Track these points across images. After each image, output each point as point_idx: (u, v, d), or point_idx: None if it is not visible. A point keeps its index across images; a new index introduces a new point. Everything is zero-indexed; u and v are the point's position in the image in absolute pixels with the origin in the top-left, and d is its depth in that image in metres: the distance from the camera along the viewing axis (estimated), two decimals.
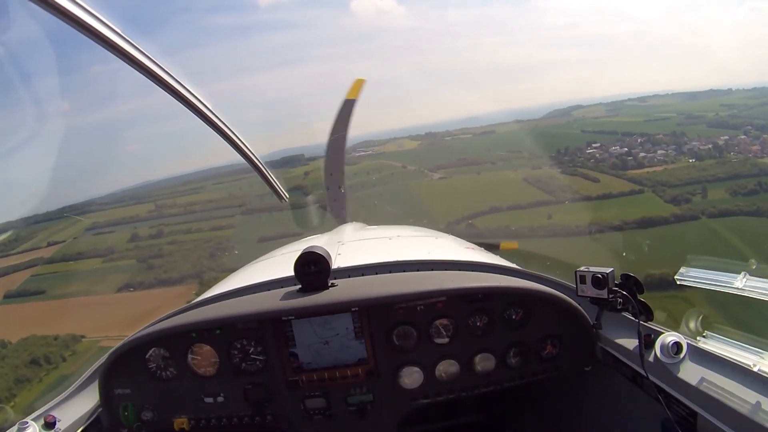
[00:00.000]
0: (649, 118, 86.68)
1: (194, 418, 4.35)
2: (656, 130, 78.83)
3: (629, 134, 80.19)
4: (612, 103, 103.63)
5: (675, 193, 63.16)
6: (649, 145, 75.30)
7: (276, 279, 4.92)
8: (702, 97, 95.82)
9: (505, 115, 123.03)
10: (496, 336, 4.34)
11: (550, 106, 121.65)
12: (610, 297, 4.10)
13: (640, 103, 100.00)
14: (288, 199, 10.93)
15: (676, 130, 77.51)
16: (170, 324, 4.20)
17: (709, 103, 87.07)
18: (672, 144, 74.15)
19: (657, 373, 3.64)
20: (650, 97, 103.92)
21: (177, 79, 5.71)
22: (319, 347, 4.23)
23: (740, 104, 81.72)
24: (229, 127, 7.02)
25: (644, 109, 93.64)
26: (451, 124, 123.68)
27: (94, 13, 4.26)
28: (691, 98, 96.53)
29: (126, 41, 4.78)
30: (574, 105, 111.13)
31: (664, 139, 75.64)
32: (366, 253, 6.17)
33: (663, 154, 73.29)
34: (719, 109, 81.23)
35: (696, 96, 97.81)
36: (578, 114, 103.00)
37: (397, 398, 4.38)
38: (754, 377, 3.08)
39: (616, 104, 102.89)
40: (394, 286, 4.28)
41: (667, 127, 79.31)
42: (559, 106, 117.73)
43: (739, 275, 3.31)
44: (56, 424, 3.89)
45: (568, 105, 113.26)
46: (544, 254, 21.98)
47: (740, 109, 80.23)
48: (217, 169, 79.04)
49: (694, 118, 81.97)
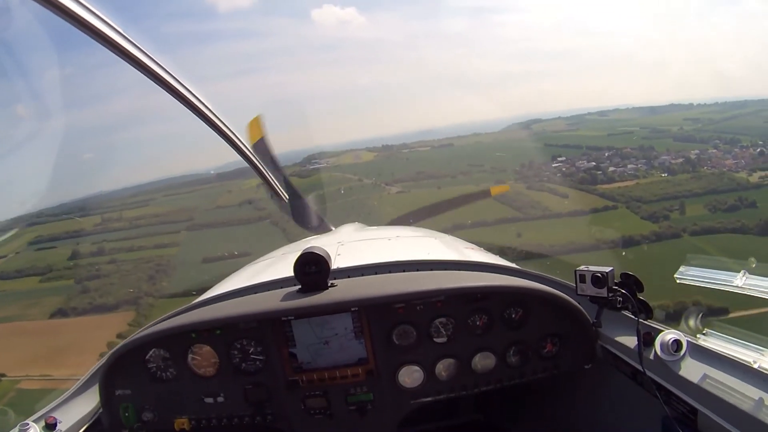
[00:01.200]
0: (612, 131, 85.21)
1: (194, 418, 4.21)
2: (621, 143, 77.05)
3: (595, 148, 77.46)
4: (572, 117, 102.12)
5: (651, 209, 61.32)
6: (617, 159, 72.97)
7: (276, 279, 4.77)
8: (663, 111, 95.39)
9: (461, 129, 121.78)
10: (496, 335, 4.26)
11: (510, 120, 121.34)
12: (609, 295, 4.01)
13: (600, 117, 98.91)
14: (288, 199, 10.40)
15: (643, 143, 75.65)
16: (170, 324, 4.07)
17: (672, 117, 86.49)
18: (641, 158, 72.49)
19: (657, 371, 3.61)
20: (610, 111, 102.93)
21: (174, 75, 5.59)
22: (318, 347, 4.13)
23: (704, 118, 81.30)
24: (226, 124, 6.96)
25: (605, 123, 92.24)
26: (408, 136, 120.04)
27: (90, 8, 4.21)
28: (651, 112, 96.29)
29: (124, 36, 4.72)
30: (534, 118, 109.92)
31: (633, 153, 73.72)
32: (365, 253, 6.00)
33: (633, 168, 70.88)
34: (683, 123, 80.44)
35: (656, 110, 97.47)
36: (538, 128, 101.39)
37: (398, 397, 4.29)
38: (755, 374, 3.04)
39: (576, 118, 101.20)
40: (394, 286, 4.19)
41: (632, 141, 77.74)
42: (518, 119, 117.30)
43: (738, 274, 3.30)
44: (57, 426, 3.78)
45: (528, 118, 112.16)
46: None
47: (705, 123, 79.53)
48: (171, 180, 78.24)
49: (658, 132, 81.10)
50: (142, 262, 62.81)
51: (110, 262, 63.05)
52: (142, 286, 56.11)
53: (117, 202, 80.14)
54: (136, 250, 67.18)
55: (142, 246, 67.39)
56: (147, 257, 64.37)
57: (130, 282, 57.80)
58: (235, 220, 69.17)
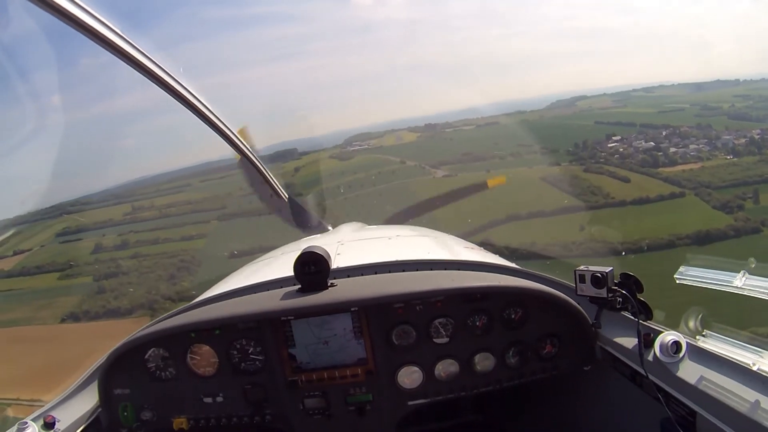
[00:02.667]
0: (662, 109, 78.60)
1: (193, 418, 4.28)
2: (675, 121, 70.92)
3: (649, 126, 71.83)
4: (617, 94, 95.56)
5: (722, 197, 54.68)
6: (677, 139, 66.31)
7: (275, 279, 4.83)
8: (709, 87, 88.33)
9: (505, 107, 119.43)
10: (496, 335, 4.31)
11: (552, 97, 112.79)
12: (609, 296, 4.04)
13: (647, 94, 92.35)
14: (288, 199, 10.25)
15: (701, 122, 69.25)
16: (169, 324, 4.17)
17: (720, 93, 79.97)
18: (702, 137, 65.91)
19: (656, 372, 3.62)
20: (656, 87, 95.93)
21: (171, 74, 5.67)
22: (318, 347, 4.19)
23: (755, 95, 74.29)
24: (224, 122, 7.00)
25: (652, 100, 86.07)
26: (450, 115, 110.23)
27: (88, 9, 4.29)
28: (698, 89, 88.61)
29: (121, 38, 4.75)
30: (578, 96, 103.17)
31: (691, 132, 67.30)
32: (365, 253, 6.00)
33: (696, 149, 64.34)
34: (733, 100, 73.82)
35: (702, 87, 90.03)
36: (583, 105, 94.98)
37: (397, 398, 4.33)
38: (754, 376, 3.06)
39: (621, 95, 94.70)
40: (394, 285, 4.23)
41: (685, 119, 71.21)
42: (561, 97, 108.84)
43: (738, 274, 3.28)
44: (55, 425, 3.82)
45: (571, 96, 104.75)
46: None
47: (756, 99, 72.70)
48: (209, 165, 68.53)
49: (710, 109, 74.54)
50: (166, 257, 58.89)
51: (133, 256, 59.41)
52: (160, 287, 51.92)
53: (152, 189, 76.64)
54: (162, 242, 63.24)
55: (168, 238, 63.75)
56: (171, 251, 60.37)
57: (149, 281, 53.85)
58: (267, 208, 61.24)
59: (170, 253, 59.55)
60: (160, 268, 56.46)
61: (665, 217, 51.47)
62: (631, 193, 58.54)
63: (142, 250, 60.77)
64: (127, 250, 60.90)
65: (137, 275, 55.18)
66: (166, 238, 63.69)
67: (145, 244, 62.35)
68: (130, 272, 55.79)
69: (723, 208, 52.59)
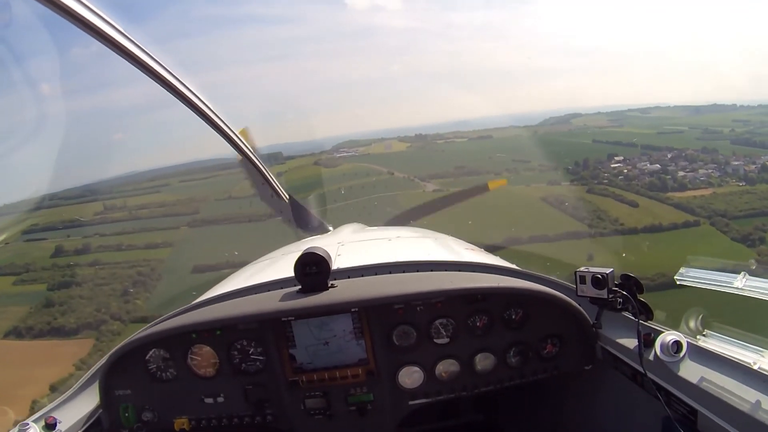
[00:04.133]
0: (661, 130, 75.44)
1: (194, 418, 4.28)
2: (676, 143, 67.32)
3: (651, 148, 67.65)
4: (613, 113, 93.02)
5: (741, 228, 49.77)
6: (683, 162, 62.54)
7: (276, 280, 4.83)
8: (706, 111, 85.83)
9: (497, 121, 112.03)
10: (496, 336, 4.33)
11: (544, 113, 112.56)
12: (609, 297, 4.06)
13: (643, 114, 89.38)
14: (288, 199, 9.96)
15: (705, 146, 65.30)
16: (170, 325, 4.17)
17: (717, 118, 77.46)
18: (710, 162, 61.90)
19: (657, 372, 3.64)
20: (652, 108, 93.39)
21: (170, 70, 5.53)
22: (318, 348, 4.20)
23: (755, 121, 70.61)
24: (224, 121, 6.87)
25: (650, 121, 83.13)
26: (441, 127, 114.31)
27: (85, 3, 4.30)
28: (696, 112, 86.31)
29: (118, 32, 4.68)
30: (572, 113, 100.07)
31: (699, 156, 63.42)
32: (366, 254, 6.02)
33: (705, 174, 60.26)
34: (733, 125, 71.11)
35: (700, 110, 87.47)
36: (578, 122, 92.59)
37: (398, 398, 4.34)
38: (754, 375, 3.07)
39: (617, 114, 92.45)
40: (394, 286, 4.25)
41: (686, 142, 67.82)
42: (553, 113, 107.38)
43: (738, 275, 3.31)
44: (57, 426, 3.80)
45: (565, 112, 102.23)
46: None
47: (756, 126, 68.86)
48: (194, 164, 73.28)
49: (711, 133, 71.52)
50: (125, 267, 55.72)
51: (91, 264, 56.04)
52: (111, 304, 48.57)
53: (130, 187, 73.19)
54: (124, 249, 59.85)
55: (132, 245, 60.32)
56: (133, 260, 57.06)
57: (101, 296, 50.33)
58: (244, 215, 61.43)
59: (131, 263, 56.58)
60: (116, 280, 53.32)
61: (682, 249, 46.36)
62: (641, 219, 54.82)
63: (101, 257, 58.09)
64: (87, 255, 57.94)
65: (91, 287, 52.27)
66: (129, 245, 60.69)
67: (107, 249, 59.68)
68: (84, 282, 52.70)
69: (744, 241, 48.49)
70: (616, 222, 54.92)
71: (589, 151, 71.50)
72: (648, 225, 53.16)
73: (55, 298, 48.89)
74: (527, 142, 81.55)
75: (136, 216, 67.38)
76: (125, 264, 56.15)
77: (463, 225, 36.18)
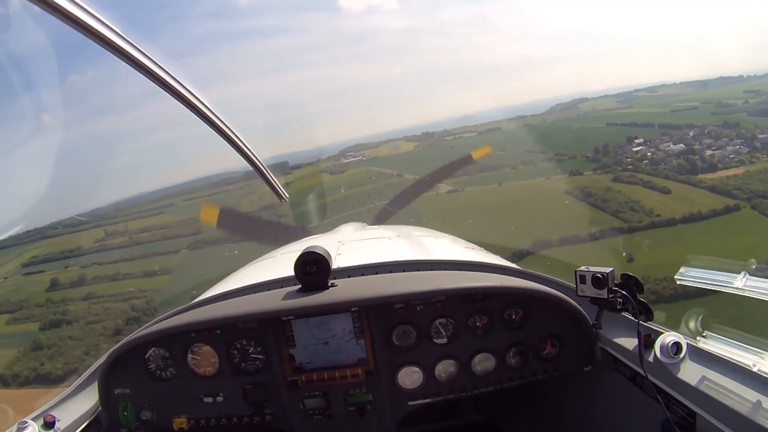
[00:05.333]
0: (673, 108, 71.46)
1: (194, 417, 4.26)
2: (693, 120, 63.16)
3: (670, 126, 63.33)
4: (620, 95, 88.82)
5: None
6: (708, 140, 58.16)
7: (276, 279, 4.82)
8: (713, 85, 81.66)
9: (503, 112, 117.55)
10: (496, 336, 4.32)
11: (550, 101, 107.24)
12: (609, 297, 4.00)
13: (650, 93, 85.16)
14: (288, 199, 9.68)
15: (726, 120, 61.09)
16: (170, 324, 4.15)
17: (727, 90, 73.27)
18: (735, 137, 57.40)
19: (656, 373, 3.59)
20: (658, 87, 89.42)
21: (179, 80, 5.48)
22: (318, 347, 4.20)
23: (766, 91, 66.40)
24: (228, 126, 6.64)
25: (658, 99, 79.58)
26: (448, 123, 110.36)
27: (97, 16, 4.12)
28: (702, 87, 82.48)
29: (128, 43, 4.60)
30: (578, 98, 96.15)
31: (722, 132, 59.07)
32: (366, 253, 5.94)
33: (733, 151, 55.89)
34: (744, 96, 66.86)
35: (707, 84, 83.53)
36: (586, 107, 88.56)
37: (397, 398, 4.35)
38: (754, 377, 3.04)
39: (624, 95, 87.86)
40: (394, 286, 4.23)
41: (702, 118, 63.80)
42: (560, 100, 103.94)
43: (738, 275, 3.25)
44: (55, 424, 3.75)
45: (571, 98, 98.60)
46: None
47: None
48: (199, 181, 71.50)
49: (724, 106, 66.85)
50: (120, 300, 53.07)
51: (86, 297, 53.59)
52: (101, 346, 44.06)
53: (135, 209, 72.05)
54: (121, 279, 57.23)
55: (129, 273, 57.85)
56: (128, 292, 54.46)
57: (92, 336, 47.31)
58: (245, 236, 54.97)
59: (126, 294, 54.41)
60: (109, 315, 50.72)
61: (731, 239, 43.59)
62: (677, 208, 51.07)
63: (96, 290, 55.34)
64: (82, 287, 55.37)
65: (82, 325, 49.56)
66: (126, 274, 58.54)
67: (103, 280, 57.32)
68: (76, 321, 49.91)
69: None
70: (651, 213, 51.37)
71: (605, 136, 68.47)
72: (687, 214, 49.52)
73: (44, 340, 47.15)
74: (538, 131, 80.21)
75: (136, 241, 65.80)
76: (119, 297, 54.16)
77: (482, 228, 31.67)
